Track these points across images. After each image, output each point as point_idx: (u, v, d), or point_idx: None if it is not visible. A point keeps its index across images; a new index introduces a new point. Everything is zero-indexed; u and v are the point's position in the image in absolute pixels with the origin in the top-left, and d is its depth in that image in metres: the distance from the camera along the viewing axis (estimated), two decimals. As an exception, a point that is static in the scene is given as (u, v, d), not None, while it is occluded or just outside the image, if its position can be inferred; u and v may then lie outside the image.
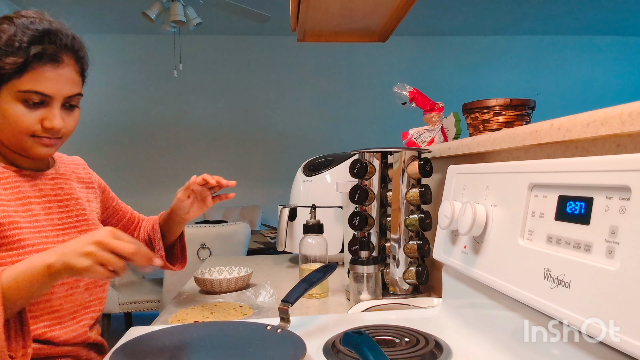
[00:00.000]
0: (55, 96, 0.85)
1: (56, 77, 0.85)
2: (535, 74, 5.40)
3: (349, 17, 1.42)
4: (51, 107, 0.86)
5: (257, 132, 5.24)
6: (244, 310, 1.05)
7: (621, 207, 0.46)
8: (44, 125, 0.85)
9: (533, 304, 0.57)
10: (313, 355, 0.69)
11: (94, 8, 4.21)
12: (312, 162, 1.59)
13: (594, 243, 0.49)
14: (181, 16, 3.41)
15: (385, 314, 0.94)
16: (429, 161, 1.09)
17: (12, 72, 0.81)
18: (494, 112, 1.09)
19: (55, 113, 0.86)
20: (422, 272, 1.08)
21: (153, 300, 3.09)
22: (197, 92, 5.17)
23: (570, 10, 4.66)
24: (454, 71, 5.35)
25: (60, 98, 0.86)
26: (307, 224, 1.21)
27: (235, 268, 1.36)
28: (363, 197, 1.10)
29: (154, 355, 0.71)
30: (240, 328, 0.81)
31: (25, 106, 0.84)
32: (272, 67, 5.26)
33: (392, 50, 5.16)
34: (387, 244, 1.13)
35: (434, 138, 1.31)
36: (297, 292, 0.85)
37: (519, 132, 0.77)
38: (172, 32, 3.86)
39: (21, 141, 0.86)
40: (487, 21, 4.98)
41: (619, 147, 0.57)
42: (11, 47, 0.81)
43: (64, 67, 0.86)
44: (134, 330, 0.84)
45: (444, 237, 0.86)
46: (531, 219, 0.61)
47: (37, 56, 0.82)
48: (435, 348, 0.68)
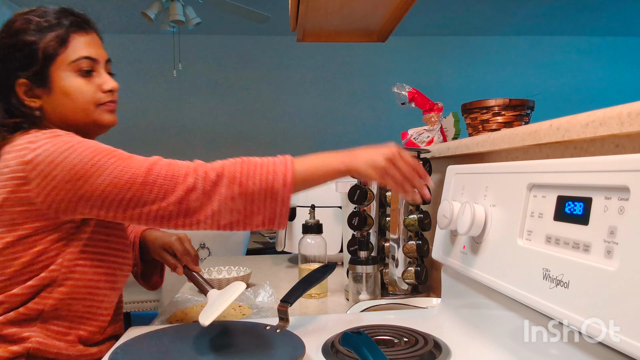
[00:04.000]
0: (100, 59, 0.88)
1: (91, 42, 0.88)
2: (535, 74, 5.40)
3: (349, 17, 1.42)
4: (100, 73, 0.88)
5: (257, 131, 5.24)
6: (243, 310, 1.04)
7: (620, 207, 0.46)
8: (103, 89, 0.88)
9: (532, 304, 0.57)
10: (312, 355, 0.69)
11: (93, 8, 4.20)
12: (311, 162, 1.59)
13: (592, 243, 0.49)
14: (180, 16, 3.40)
15: (384, 314, 0.94)
16: (428, 161, 1.09)
17: (56, 46, 0.83)
18: (493, 112, 1.09)
19: (106, 76, 0.89)
20: (421, 272, 1.08)
21: (152, 300, 3.09)
22: (196, 92, 5.17)
23: (570, 10, 4.66)
24: (453, 71, 5.35)
25: (103, 62, 0.89)
26: (306, 223, 1.21)
27: (234, 268, 1.36)
28: (362, 197, 1.10)
29: (153, 355, 0.71)
30: (240, 328, 0.81)
31: (82, 76, 0.86)
32: (272, 67, 5.25)
33: (392, 50, 5.16)
34: (386, 244, 1.13)
35: (433, 138, 1.31)
36: (296, 292, 0.85)
37: (518, 133, 0.77)
38: (171, 31, 3.86)
39: (90, 113, 0.87)
40: (487, 21, 4.98)
41: (617, 147, 0.57)
42: (44, 27, 0.83)
43: (92, 34, 0.89)
44: (133, 330, 0.84)
45: (443, 237, 0.86)
46: (530, 219, 0.61)
47: (73, 24, 0.85)
48: (434, 348, 0.68)
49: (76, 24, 0.86)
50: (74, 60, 0.84)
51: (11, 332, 0.79)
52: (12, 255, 0.79)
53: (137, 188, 0.75)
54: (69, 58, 0.84)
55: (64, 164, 0.74)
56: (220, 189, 0.76)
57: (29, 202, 0.76)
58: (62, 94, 0.84)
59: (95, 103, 0.87)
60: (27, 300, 0.80)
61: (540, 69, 5.42)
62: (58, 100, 0.85)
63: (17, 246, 0.78)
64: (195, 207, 0.76)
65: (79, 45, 0.85)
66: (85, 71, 0.86)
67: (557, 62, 5.45)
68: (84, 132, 0.86)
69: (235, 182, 0.76)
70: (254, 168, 0.78)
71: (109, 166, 0.75)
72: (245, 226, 0.78)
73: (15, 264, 0.79)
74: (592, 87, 5.39)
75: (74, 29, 0.85)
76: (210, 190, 0.76)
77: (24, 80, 0.83)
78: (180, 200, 0.75)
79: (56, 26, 0.84)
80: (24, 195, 0.76)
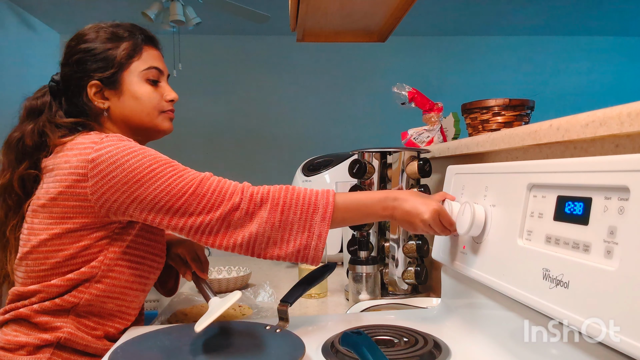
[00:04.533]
0: (165, 71, 0.97)
1: (158, 56, 0.97)
2: (535, 74, 5.39)
3: (348, 17, 1.42)
4: (164, 83, 0.96)
5: (256, 131, 5.24)
6: (243, 310, 1.04)
7: (620, 207, 0.46)
8: (166, 98, 0.95)
9: (532, 304, 0.57)
10: (312, 355, 0.69)
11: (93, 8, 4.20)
12: (311, 162, 1.59)
13: (592, 243, 0.49)
14: (180, 16, 3.40)
15: (384, 314, 0.94)
16: (428, 161, 1.09)
17: (129, 55, 0.91)
18: (493, 112, 1.09)
19: (169, 87, 0.97)
20: (421, 272, 1.08)
21: (152, 300, 3.09)
22: (196, 92, 5.17)
23: (570, 10, 4.66)
24: (453, 71, 5.34)
25: (166, 74, 0.98)
26: (306, 224, 1.21)
27: (234, 268, 1.36)
28: (362, 197, 1.10)
29: (153, 356, 0.71)
30: (239, 328, 0.81)
31: (150, 84, 0.93)
32: (272, 67, 5.25)
33: (392, 50, 5.16)
34: (386, 244, 1.13)
35: (433, 138, 1.31)
36: (296, 292, 0.85)
37: (518, 133, 0.77)
38: (171, 31, 3.86)
39: (154, 118, 0.94)
40: (487, 21, 4.98)
41: (617, 147, 0.57)
42: (121, 36, 0.92)
43: (158, 49, 0.98)
44: (133, 330, 0.84)
45: (443, 237, 0.86)
46: (530, 219, 0.61)
47: (146, 38, 0.94)
48: (434, 348, 0.68)
49: (148, 39, 0.95)
50: (145, 69, 0.92)
51: (44, 320, 0.82)
52: (57, 247, 0.82)
53: (187, 198, 0.78)
54: (141, 66, 0.92)
55: (124, 166, 0.78)
56: (263, 212, 0.78)
57: (84, 198, 0.80)
58: (131, 97, 0.91)
59: (159, 109, 0.94)
60: (64, 292, 0.83)
61: (540, 69, 5.42)
62: (127, 102, 0.91)
63: (64, 239, 0.82)
64: (236, 226, 0.78)
65: (149, 56, 0.94)
66: (153, 80, 0.93)
67: (557, 62, 5.44)
68: (143, 135, 0.95)
69: (277, 208, 0.78)
70: (297, 197, 0.79)
71: (165, 174, 0.79)
72: (278, 256, 0.79)
73: (59, 255, 0.82)
74: (592, 87, 5.38)
75: (147, 42, 0.94)
76: (253, 212, 0.78)
77: (96, 82, 0.90)
78: (224, 216, 0.77)
79: (131, 37, 0.92)
80: (80, 191, 0.79)
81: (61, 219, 0.81)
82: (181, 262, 1.02)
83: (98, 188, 0.78)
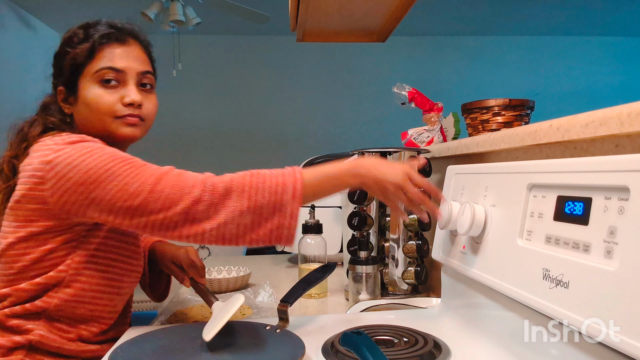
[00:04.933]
0: (128, 71, 0.88)
1: (125, 53, 0.88)
2: (535, 74, 5.39)
3: (348, 17, 1.42)
4: (127, 85, 0.88)
5: (256, 132, 5.24)
6: (243, 310, 1.04)
7: (620, 207, 0.46)
8: (123, 102, 0.87)
9: (532, 304, 0.57)
10: (312, 355, 0.69)
11: (92, 8, 4.20)
12: (311, 162, 1.59)
13: (592, 243, 0.49)
14: (180, 16, 3.40)
15: (384, 314, 0.94)
16: (428, 161, 1.09)
17: (85, 57, 0.86)
18: (493, 112, 1.09)
19: (131, 89, 0.88)
20: (421, 272, 1.08)
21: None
22: (196, 92, 5.17)
23: (570, 10, 4.66)
24: (453, 71, 5.34)
25: (134, 74, 0.88)
26: (306, 223, 1.21)
27: (234, 268, 1.36)
28: (362, 197, 1.10)
29: (153, 355, 0.71)
30: (239, 328, 0.81)
31: (103, 86, 0.86)
32: (272, 67, 5.25)
33: (392, 50, 5.16)
34: (386, 244, 1.13)
35: (433, 138, 1.31)
36: (296, 292, 0.85)
37: (518, 133, 0.77)
38: (171, 31, 3.85)
39: (106, 124, 0.87)
40: (487, 21, 4.98)
41: (617, 147, 0.57)
42: (81, 39, 0.87)
43: (130, 45, 0.89)
44: (132, 330, 0.84)
45: (443, 237, 0.86)
46: (530, 219, 0.61)
47: (104, 37, 0.87)
48: (434, 348, 0.68)
49: (109, 36, 0.87)
50: (97, 70, 0.86)
51: (16, 323, 0.81)
52: (23, 251, 0.81)
53: (145, 197, 0.75)
54: (94, 68, 0.86)
55: (79, 167, 0.76)
56: (229, 201, 0.76)
57: (43, 201, 0.78)
58: (83, 104, 0.87)
59: (113, 115, 0.87)
60: (34, 297, 0.82)
61: (540, 69, 5.42)
62: (81, 109, 0.88)
63: (29, 242, 0.80)
64: (201, 219, 0.75)
65: (107, 56, 0.87)
66: (106, 81, 0.86)
67: (558, 62, 5.44)
68: (108, 142, 0.87)
69: (244, 195, 0.76)
70: (262, 180, 0.77)
71: (122, 173, 0.76)
72: (251, 241, 0.77)
73: (26, 259, 0.81)
74: (592, 87, 5.39)
75: (105, 41, 0.87)
76: (218, 202, 0.76)
77: (61, 87, 0.89)
78: (186, 210, 0.75)
79: (88, 38, 0.87)
80: (39, 194, 0.78)
81: (25, 222, 0.80)
82: (177, 269, 1.01)
83: (55, 191, 0.76)
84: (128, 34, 0.90)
